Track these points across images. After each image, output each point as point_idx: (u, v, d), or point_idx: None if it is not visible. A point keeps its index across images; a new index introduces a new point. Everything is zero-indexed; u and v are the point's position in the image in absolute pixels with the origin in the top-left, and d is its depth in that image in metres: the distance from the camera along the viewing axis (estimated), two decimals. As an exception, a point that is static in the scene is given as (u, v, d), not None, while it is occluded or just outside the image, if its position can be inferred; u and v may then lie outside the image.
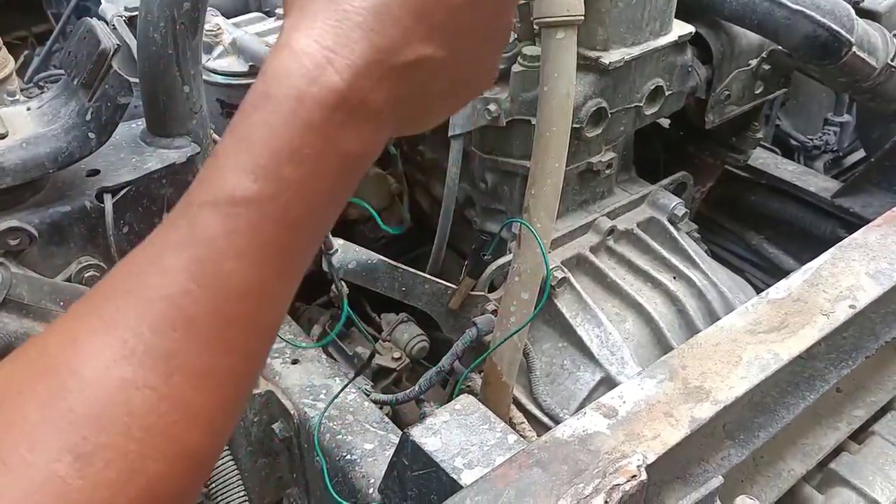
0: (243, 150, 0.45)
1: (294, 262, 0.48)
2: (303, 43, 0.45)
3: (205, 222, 0.45)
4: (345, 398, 1.32)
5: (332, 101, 0.45)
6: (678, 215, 1.57)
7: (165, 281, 0.45)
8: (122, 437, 0.42)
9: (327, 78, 0.45)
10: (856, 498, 1.02)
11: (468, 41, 0.50)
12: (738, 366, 0.88)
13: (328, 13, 0.45)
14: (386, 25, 0.45)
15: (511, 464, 0.78)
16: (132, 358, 0.43)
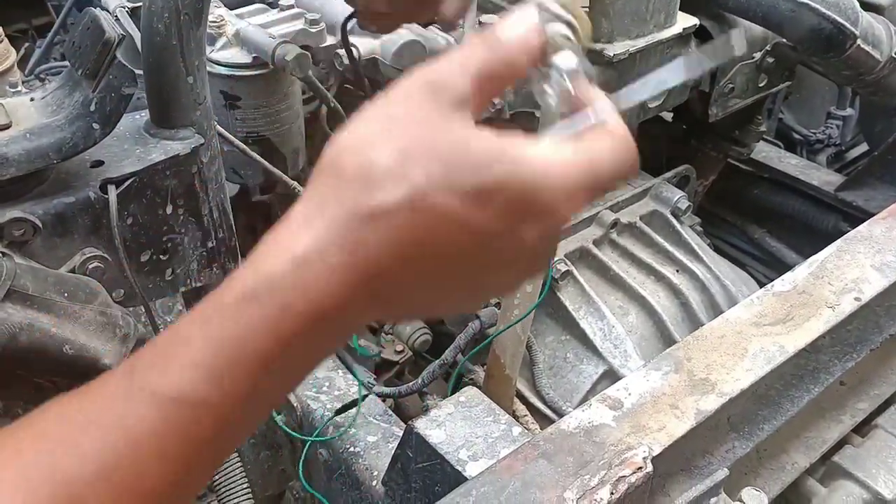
0: (210, 349, 0.44)
1: (218, 460, 0.48)
2: (307, 250, 0.44)
3: (139, 414, 0.43)
4: (348, 391, 1.32)
5: (318, 318, 0.44)
6: (681, 208, 1.57)
7: (76, 462, 0.43)
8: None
9: (318, 296, 0.44)
10: (859, 491, 1.02)
11: (459, 280, 0.49)
12: (743, 358, 0.88)
13: (346, 228, 0.44)
14: (391, 266, 0.45)
15: (517, 455, 0.78)
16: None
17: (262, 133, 1.29)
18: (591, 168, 0.47)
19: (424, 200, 0.44)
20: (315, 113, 1.48)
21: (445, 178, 0.44)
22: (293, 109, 1.32)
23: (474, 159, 0.45)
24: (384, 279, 0.45)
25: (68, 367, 0.84)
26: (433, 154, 0.44)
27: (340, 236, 0.44)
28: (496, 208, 0.45)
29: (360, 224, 0.44)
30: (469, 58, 0.48)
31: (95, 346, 0.86)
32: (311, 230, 0.44)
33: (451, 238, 0.45)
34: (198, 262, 1.06)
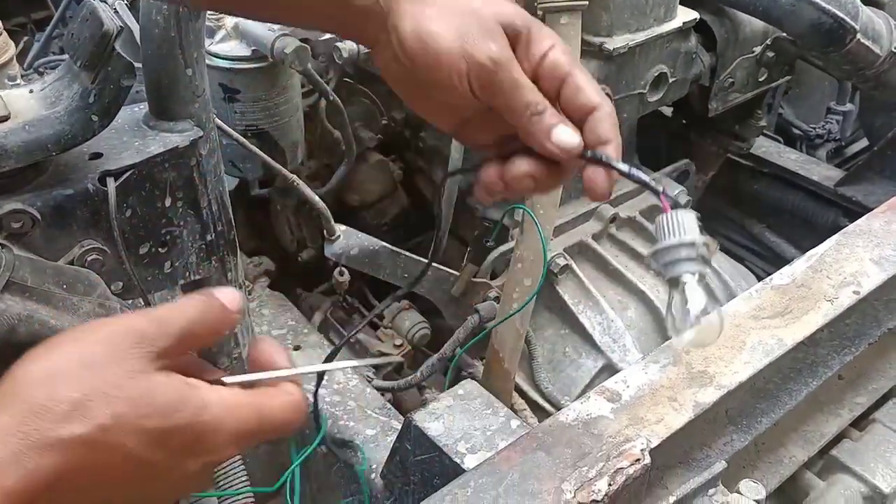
0: None
1: None
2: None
3: None
4: (347, 384, 1.32)
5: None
6: (681, 203, 1.57)
7: None
8: None
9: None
10: (857, 484, 1.02)
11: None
12: (741, 351, 0.88)
13: (23, 454, 0.47)
14: (64, 492, 0.48)
15: (515, 447, 0.78)
16: None
17: (260, 126, 1.29)
18: (259, 418, 0.55)
19: (106, 438, 0.48)
20: (314, 106, 1.48)
21: (132, 420, 0.49)
22: (292, 103, 1.32)
23: (161, 405, 0.50)
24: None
25: (67, 359, 0.84)
26: (123, 397, 0.49)
27: (17, 464, 0.46)
28: (172, 447, 0.51)
29: (40, 453, 0.47)
30: (176, 318, 0.54)
31: (94, 337, 0.86)
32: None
33: (126, 471, 0.50)
34: (196, 254, 1.06)
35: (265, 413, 0.55)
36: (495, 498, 0.73)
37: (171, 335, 0.53)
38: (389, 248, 1.33)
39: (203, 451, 0.53)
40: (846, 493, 1.01)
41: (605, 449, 0.77)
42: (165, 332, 0.53)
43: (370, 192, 1.68)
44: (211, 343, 0.57)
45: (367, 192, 1.68)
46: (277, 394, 0.57)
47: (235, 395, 0.55)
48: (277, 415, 0.56)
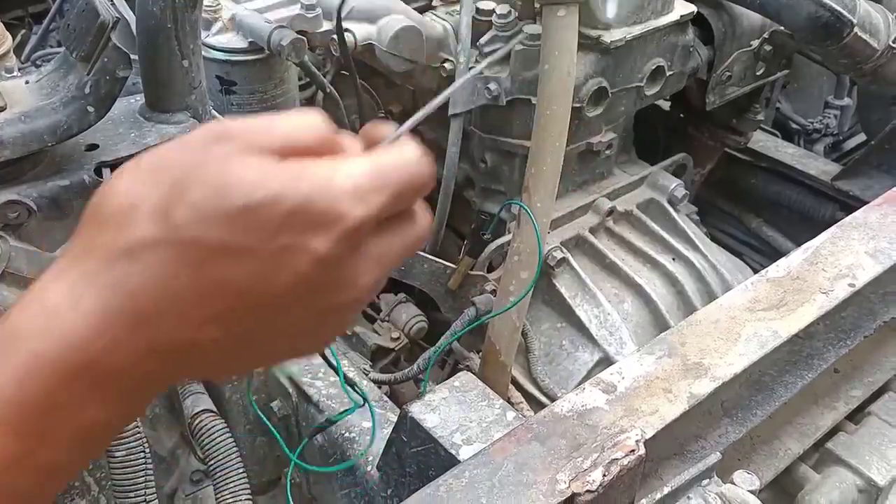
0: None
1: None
2: (58, 300, 0.41)
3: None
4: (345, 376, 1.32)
5: (80, 365, 0.41)
6: (678, 196, 1.57)
7: None
8: None
9: (77, 343, 0.41)
10: (852, 477, 1.02)
11: (264, 336, 0.45)
12: (736, 343, 0.88)
13: (102, 270, 0.41)
14: (163, 309, 0.41)
15: (510, 437, 0.78)
16: None
17: (258, 118, 1.29)
18: (377, 168, 0.44)
19: (188, 231, 0.41)
20: (311, 99, 1.48)
21: (209, 206, 0.41)
22: (289, 95, 1.32)
23: (243, 181, 0.41)
24: (158, 321, 0.41)
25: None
26: (197, 183, 0.41)
27: (95, 282, 0.41)
28: (271, 225, 0.41)
29: (117, 266, 0.41)
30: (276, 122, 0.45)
31: (90, 329, 0.86)
32: (65, 281, 0.41)
33: (228, 270, 0.41)
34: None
35: (382, 161, 0.44)
36: (490, 488, 0.73)
37: (264, 132, 0.44)
38: (386, 241, 1.33)
39: (317, 218, 0.41)
40: (841, 485, 1.01)
41: (600, 440, 0.77)
42: (252, 127, 0.44)
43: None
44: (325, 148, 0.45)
45: (365, 185, 1.68)
46: (390, 148, 0.46)
47: (341, 158, 0.45)
48: (395, 159, 0.45)
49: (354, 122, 1.56)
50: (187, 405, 1.21)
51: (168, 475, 1.35)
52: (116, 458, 0.99)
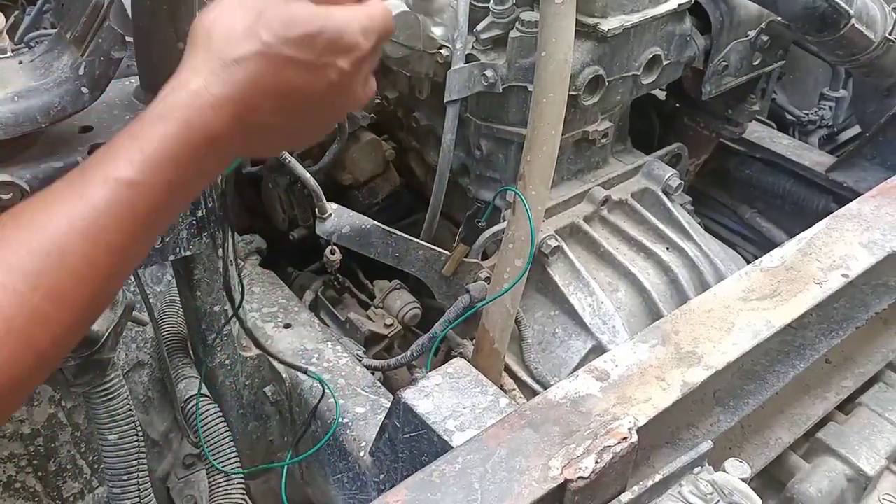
0: (136, 149, 0.63)
1: (151, 235, 0.69)
2: (198, 86, 0.64)
3: (93, 191, 0.62)
4: (337, 362, 1.33)
5: (208, 135, 0.65)
6: (672, 186, 1.57)
7: (51, 222, 0.61)
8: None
9: (209, 119, 0.64)
10: (841, 467, 1.03)
11: (303, 123, 0.71)
12: (730, 332, 0.88)
13: (221, 71, 0.65)
14: (255, 98, 0.66)
15: (503, 424, 0.78)
16: (8, 268, 0.59)
17: (253, 103, 1.28)
18: (372, 16, 0.69)
19: (271, 50, 0.65)
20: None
21: (283, 34, 0.65)
22: (285, 79, 1.31)
23: (300, 19, 0.66)
24: (251, 111, 0.66)
25: (56, 332, 0.84)
26: (273, 15, 0.65)
27: (218, 76, 0.64)
28: (319, 47, 0.66)
29: (230, 68, 0.65)
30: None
31: (83, 311, 0.86)
32: (199, 74, 0.65)
33: (294, 75, 0.66)
34: (187, 230, 1.06)
35: (370, 11, 0.69)
36: (482, 474, 0.74)
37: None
38: (381, 227, 1.33)
39: (345, 46, 0.68)
40: (831, 475, 1.02)
41: (593, 427, 0.78)
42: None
43: (362, 170, 1.67)
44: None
45: (360, 170, 1.67)
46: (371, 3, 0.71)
47: (349, 8, 0.69)
48: (376, 12, 0.70)
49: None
50: (180, 389, 1.21)
51: (161, 459, 1.35)
52: (109, 441, 0.99)
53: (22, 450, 1.15)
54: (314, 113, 0.71)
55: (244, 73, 0.65)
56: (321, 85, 0.67)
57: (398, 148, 1.73)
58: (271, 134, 0.69)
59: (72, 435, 1.19)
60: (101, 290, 0.64)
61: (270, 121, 0.67)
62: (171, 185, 0.64)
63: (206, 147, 0.65)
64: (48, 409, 1.15)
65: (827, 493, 1.00)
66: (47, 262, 0.60)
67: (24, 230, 0.61)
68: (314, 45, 0.66)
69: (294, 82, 0.66)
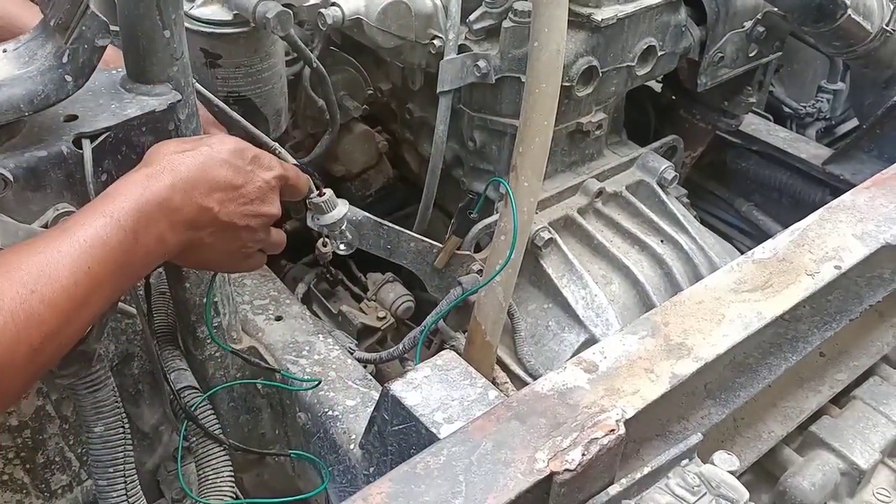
0: (108, 203, 0.82)
1: (122, 272, 0.82)
2: (152, 169, 0.86)
3: (76, 231, 0.79)
4: (328, 355, 1.32)
5: (159, 198, 0.84)
6: (667, 178, 1.56)
7: (45, 249, 0.77)
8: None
9: (161, 188, 0.85)
10: (835, 461, 1.02)
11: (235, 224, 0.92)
12: (720, 324, 0.87)
13: (172, 158, 0.87)
14: (200, 176, 0.88)
15: (489, 416, 0.77)
16: (10, 278, 0.74)
17: (243, 93, 1.27)
18: (279, 161, 0.99)
19: (212, 149, 0.89)
20: (298, 74, 1.46)
21: (220, 145, 0.91)
22: (275, 69, 1.30)
23: (233, 140, 0.94)
24: (195, 185, 0.86)
25: (39, 323, 0.83)
26: (212, 138, 0.93)
27: (168, 162, 0.87)
28: (247, 159, 0.92)
29: (179, 157, 0.87)
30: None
31: (67, 302, 0.85)
32: (152, 164, 0.87)
33: (228, 172, 0.90)
34: (175, 221, 1.05)
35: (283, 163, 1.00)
36: (468, 466, 0.73)
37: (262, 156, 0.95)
38: (372, 219, 1.32)
39: (265, 163, 0.94)
40: (824, 468, 1.01)
41: (580, 419, 0.77)
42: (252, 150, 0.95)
43: (355, 162, 1.66)
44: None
45: (352, 162, 1.66)
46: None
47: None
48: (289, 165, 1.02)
49: (342, 99, 1.54)
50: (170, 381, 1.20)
51: (151, 452, 1.34)
52: (95, 433, 0.98)
53: (9, 442, 1.14)
54: (248, 210, 0.92)
55: (191, 159, 0.87)
56: (248, 187, 0.91)
57: (391, 140, 1.72)
58: (203, 248, 0.91)
59: (60, 427, 1.18)
60: (83, 303, 0.78)
61: (209, 205, 0.87)
62: (137, 233, 0.81)
63: (158, 209, 0.83)
64: (36, 401, 1.14)
65: (820, 487, 0.99)
66: (42, 276, 0.75)
67: (21, 254, 0.76)
68: (243, 155, 0.91)
69: (228, 176, 0.89)
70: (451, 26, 1.31)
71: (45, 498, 1.22)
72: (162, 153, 0.87)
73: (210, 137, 0.91)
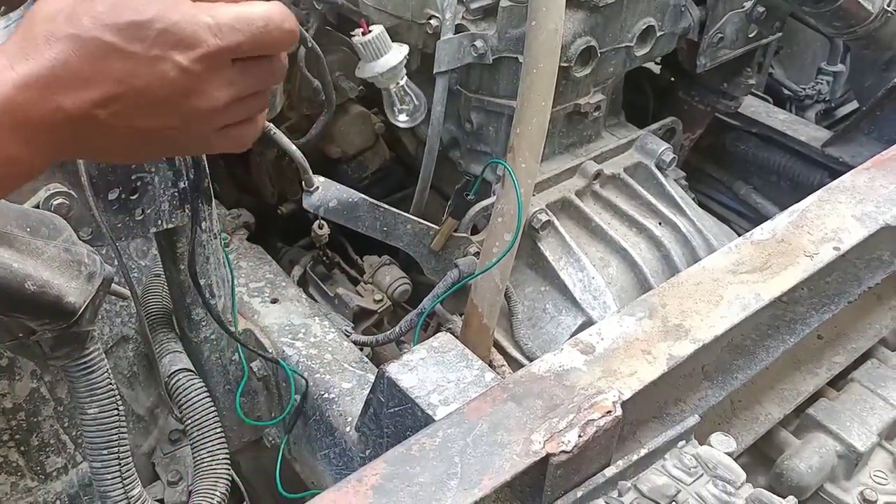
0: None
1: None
2: (2, 64, 0.59)
3: None
4: (324, 338, 1.31)
5: (11, 113, 0.58)
6: (666, 160, 1.55)
7: None
8: None
9: (11, 96, 0.58)
10: (832, 443, 1.02)
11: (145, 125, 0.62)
12: (718, 305, 0.87)
13: (28, 49, 0.59)
14: (68, 81, 0.59)
15: (485, 398, 0.77)
16: None
17: (237, 73, 1.25)
18: (241, 15, 0.60)
19: (86, 33, 0.58)
20: (293, 54, 1.44)
21: (108, 18, 0.58)
22: (270, 49, 1.28)
23: (133, 3, 0.59)
24: (65, 89, 0.59)
25: (31, 304, 0.82)
26: (103, 1, 0.59)
27: (23, 53, 0.59)
28: (149, 38, 0.59)
29: (39, 47, 0.59)
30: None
31: (59, 283, 0.84)
32: (5, 53, 0.59)
33: (117, 65, 0.59)
34: (169, 202, 1.04)
35: (239, 9, 0.61)
36: (463, 448, 0.72)
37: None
38: (369, 201, 1.31)
39: (182, 40, 0.59)
40: (821, 451, 1.01)
41: (577, 401, 0.76)
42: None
43: (351, 144, 1.65)
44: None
45: (348, 144, 1.65)
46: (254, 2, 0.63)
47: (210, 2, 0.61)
48: (252, 10, 0.61)
49: (338, 80, 1.53)
50: (164, 364, 1.19)
51: (146, 434, 1.34)
52: (89, 415, 0.97)
53: (3, 424, 1.13)
54: (157, 115, 0.62)
55: (53, 53, 0.59)
56: (153, 80, 0.60)
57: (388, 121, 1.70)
58: (104, 132, 0.62)
59: (55, 409, 1.17)
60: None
61: (96, 113, 0.60)
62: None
63: (10, 128, 0.59)
64: (30, 384, 1.14)
65: (817, 470, 0.99)
66: None
67: None
68: (141, 34, 0.59)
69: (117, 72, 0.59)
70: (448, 6, 1.29)
71: (41, 480, 1.22)
72: (28, 32, 0.60)
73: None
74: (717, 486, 0.71)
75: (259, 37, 0.61)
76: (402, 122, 0.82)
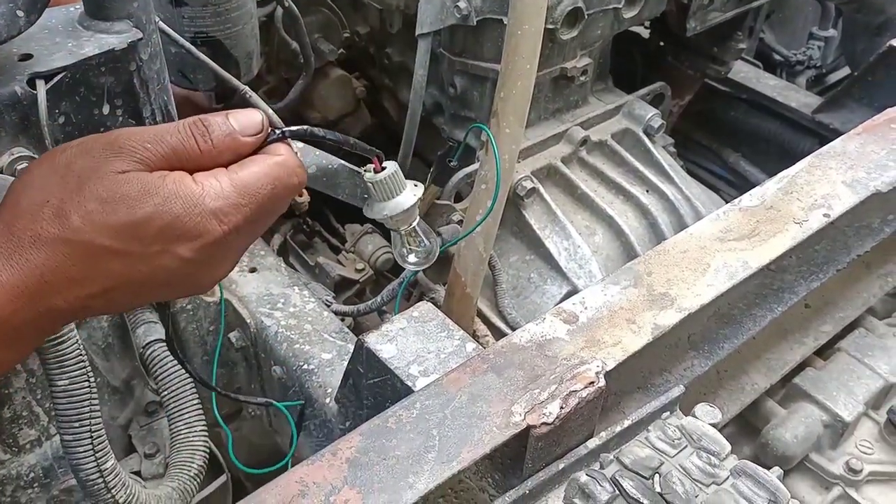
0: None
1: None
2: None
3: None
4: (304, 308, 1.28)
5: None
6: (654, 127, 1.52)
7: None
8: None
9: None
10: (818, 412, 1.01)
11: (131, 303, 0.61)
12: (705, 273, 0.84)
13: (13, 253, 0.54)
14: (58, 288, 0.54)
15: (465, 368, 0.75)
16: None
17: (211, 33, 1.21)
18: (242, 188, 0.56)
19: (79, 237, 0.53)
20: (270, 15, 1.40)
21: (100, 218, 0.53)
22: (245, 9, 1.24)
23: (126, 199, 0.53)
24: (55, 294, 0.54)
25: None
26: (92, 194, 0.53)
27: (9, 260, 0.53)
28: (148, 236, 0.54)
29: (25, 252, 0.53)
30: (163, 133, 0.56)
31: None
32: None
33: (114, 266, 0.54)
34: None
35: (243, 179, 0.56)
36: (441, 420, 0.70)
37: (148, 144, 0.55)
38: (349, 167, 1.27)
39: (185, 234, 0.55)
40: (807, 420, 1.00)
41: (559, 371, 0.74)
42: (142, 140, 0.55)
43: (331, 108, 1.61)
44: (209, 162, 0.57)
45: (328, 108, 1.61)
46: (256, 159, 0.57)
47: (210, 173, 0.56)
48: (257, 178, 0.56)
49: (317, 42, 1.49)
50: (139, 335, 1.16)
51: (122, 406, 1.31)
52: (59, 386, 0.94)
53: (-27, 396, 1.11)
54: (157, 296, 0.61)
55: (41, 258, 0.53)
56: (154, 272, 0.56)
57: (370, 86, 1.67)
58: (98, 313, 0.63)
59: (27, 381, 1.14)
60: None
61: (90, 304, 0.56)
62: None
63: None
64: (0, 355, 1.11)
65: (803, 439, 0.98)
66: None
67: None
68: (140, 234, 0.54)
69: (113, 272, 0.55)
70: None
71: (14, 453, 1.19)
72: (11, 229, 0.54)
73: (89, 188, 0.53)
74: (701, 458, 0.69)
75: (267, 204, 0.57)
76: (411, 266, 0.76)
